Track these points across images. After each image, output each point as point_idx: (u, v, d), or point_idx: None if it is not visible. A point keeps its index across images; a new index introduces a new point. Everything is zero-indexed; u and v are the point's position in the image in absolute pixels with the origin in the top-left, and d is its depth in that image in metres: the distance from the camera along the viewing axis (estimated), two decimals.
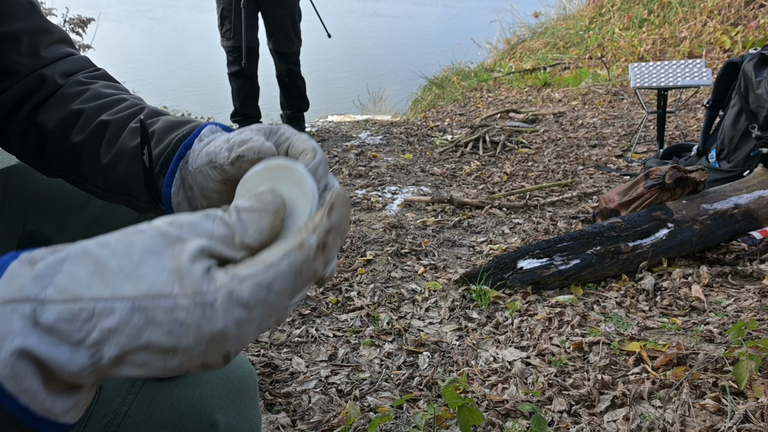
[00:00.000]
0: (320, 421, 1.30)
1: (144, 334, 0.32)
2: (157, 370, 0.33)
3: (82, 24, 4.61)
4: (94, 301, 0.32)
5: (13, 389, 0.30)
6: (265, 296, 0.34)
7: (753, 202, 2.01)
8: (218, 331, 0.33)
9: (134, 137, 0.58)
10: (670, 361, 1.42)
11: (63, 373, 0.31)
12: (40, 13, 0.67)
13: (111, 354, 0.32)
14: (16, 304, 0.31)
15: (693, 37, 6.10)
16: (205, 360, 0.33)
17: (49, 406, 0.32)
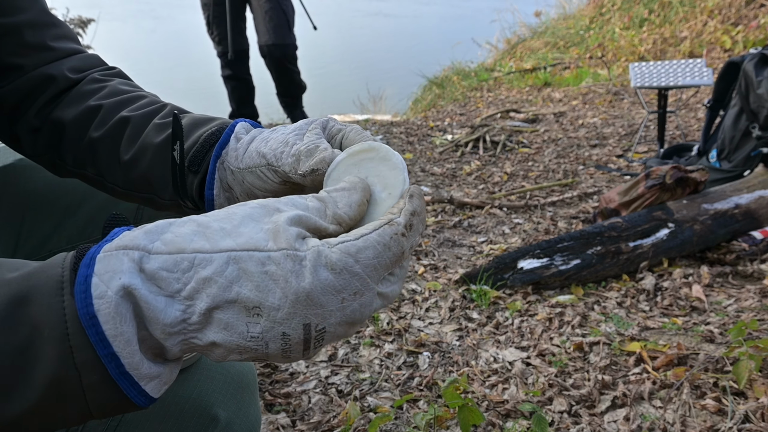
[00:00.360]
0: (320, 422, 1.30)
1: (234, 287, 0.33)
2: (239, 336, 0.34)
3: (83, 24, 4.62)
4: (194, 253, 0.34)
5: (109, 332, 0.32)
6: (353, 264, 0.34)
7: (754, 202, 2.00)
8: (304, 289, 0.33)
9: (159, 133, 0.58)
10: (670, 361, 1.42)
11: (157, 324, 0.33)
12: (45, 7, 0.66)
13: (201, 307, 0.33)
14: (127, 250, 0.33)
15: (693, 37, 6.09)
16: (286, 330, 0.34)
17: (137, 362, 0.33)
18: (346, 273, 0.34)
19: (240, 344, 0.34)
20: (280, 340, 0.34)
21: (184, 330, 0.34)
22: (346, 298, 0.34)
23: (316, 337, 0.35)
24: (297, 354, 0.35)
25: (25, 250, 0.75)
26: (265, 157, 0.49)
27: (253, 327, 0.34)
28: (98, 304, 0.32)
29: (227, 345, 0.34)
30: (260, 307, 0.33)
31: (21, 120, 0.65)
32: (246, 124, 0.55)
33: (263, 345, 0.34)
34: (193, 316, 0.34)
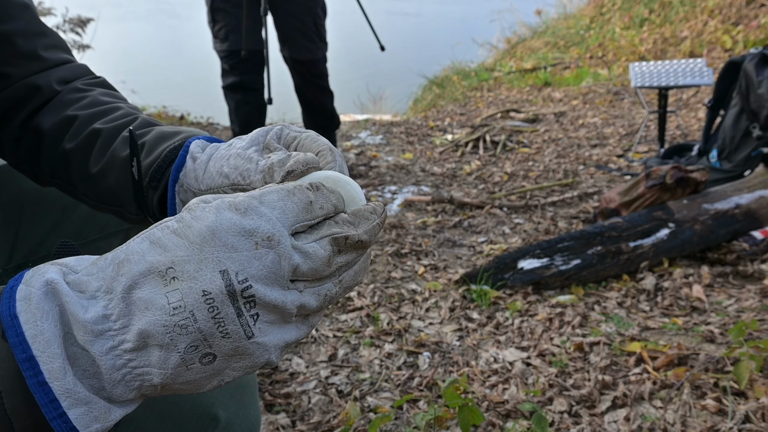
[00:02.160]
0: (320, 422, 1.30)
1: (146, 256, 0.32)
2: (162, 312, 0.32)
3: (82, 24, 4.61)
4: (113, 252, 0.34)
5: (29, 331, 0.30)
6: (258, 205, 0.34)
7: (754, 201, 2.00)
8: (207, 227, 0.32)
9: (125, 147, 0.57)
10: (671, 361, 1.42)
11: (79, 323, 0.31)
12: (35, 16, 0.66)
13: (119, 290, 0.32)
14: (54, 264, 0.34)
15: (694, 37, 6.09)
16: (203, 285, 0.32)
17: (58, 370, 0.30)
18: (252, 212, 0.33)
19: (166, 323, 0.32)
20: (204, 303, 0.32)
21: (110, 331, 0.32)
22: (260, 243, 0.33)
23: (244, 295, 0.33)
24: (234, 325, 0.33)
25: (22, 251, 0.75)
26: (228, 177, 0.47)
27: (173, 295, 0.32)
28: (21, 305, 0.31)
29: (154, 329, 0.32)
30: (173, 267, 0.32)
31: (5, 129, 0.65)
32: (200, 141, 0.54)
33: (190, 317, 0.32)
34: (115, 309, 0.32)
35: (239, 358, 0.34)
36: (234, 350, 0.34)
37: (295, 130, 0.50)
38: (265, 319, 0.34)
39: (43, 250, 0.77)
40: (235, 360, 0.34)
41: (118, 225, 0.85)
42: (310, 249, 0.35)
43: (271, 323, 0.35)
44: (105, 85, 0.70)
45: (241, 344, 0.34)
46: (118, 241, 0.86)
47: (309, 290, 0.36)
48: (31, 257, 0.76)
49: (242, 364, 0.35)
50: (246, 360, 0.34)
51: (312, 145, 0.47)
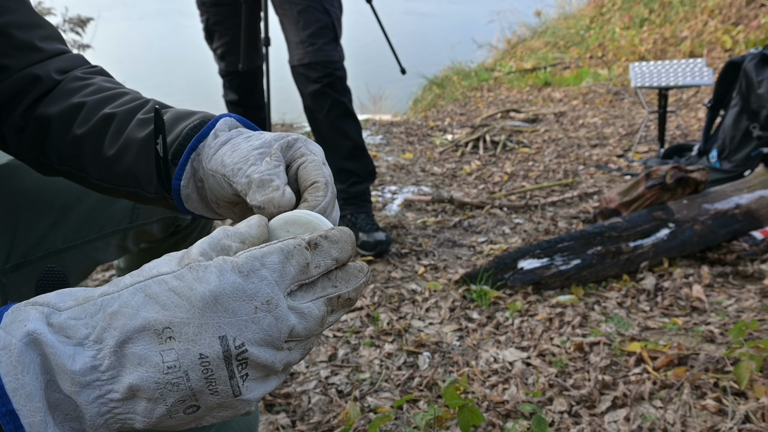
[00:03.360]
0: (320, 422, 1.30)
1: (141, 312, 0.32)
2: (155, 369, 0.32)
3: (82, 23, 4.61)
4: (102, 297, 0.33)
5: (10, 384, 0.29)
6: (260, 267, 0.34)
7: (754, 201, 2.00)
8: (211, 291, 0.32)
9: (142, 128, 0.58)
10: (671, 361, 1.41)
11: (65, 374, 0.31)
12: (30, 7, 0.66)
13: (111, 344, 0.31)
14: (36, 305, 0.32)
15: (694, 37, 6.09)
16: (201, 349, 0.32)
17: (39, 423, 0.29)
18: (254, 276, 0.33)
19: (159, 381, 0.32)
20: (199, 365, 0.32)
21: (97, 381, 0.32)
22: (259, 308, 0.33)
23: (239, 358, 0.33)
24: (224, 386, 0.33)
25: (20, 251, 0.75)
26: (225, 167, 0.48)
27: (168, 354, 0.32)
28: (1, 355, 0.30)
29: (145, 385, 0.32)
30: (170, 327, 0.32)
31: (7, 120, 0.66)
32: (230, 120, 0.54)
33: (183, 376, 0.32)
34: (104, 360, 0.31)
35: (222, 410, 0.35)
36: (219, 405, 0.34)
37: (307, 148, 0.50)
38: (252, 377, 0.35)
39: (40, 250, 0.77)
40: (218, 411, 0.35)
41: (116, 225, 0.85)
42: (306, 309, 0.36)
43: (257, 380, 0.35)
44: (104, 73, 0.70)
45: (227, 401, 0.34)
46: (116, 241, 0.86)
47: (297, 347, 0.37)
48: (29, 257, 0.76)
49: (223, 414, 0.35)
50: (228, 411, 0.35)
51: (311, 173, 0.47)
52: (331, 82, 2.02)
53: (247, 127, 0.55)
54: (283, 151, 0.49)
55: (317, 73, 2.02)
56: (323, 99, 2.05)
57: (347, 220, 2.16)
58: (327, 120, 2.07)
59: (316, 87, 2.03)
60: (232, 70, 2.34)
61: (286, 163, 0.49)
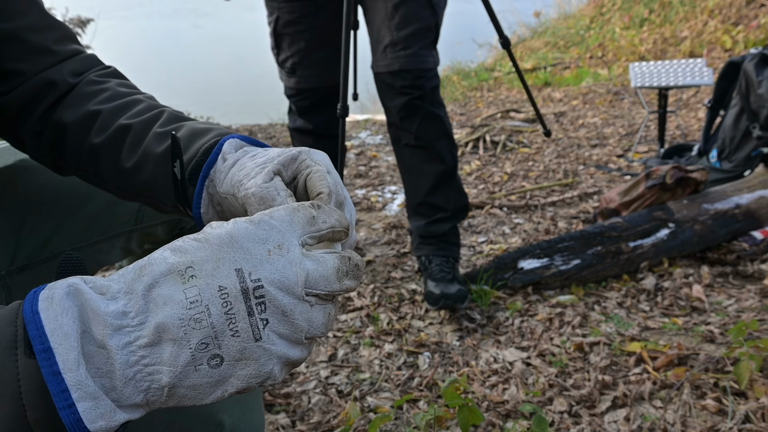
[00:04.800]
0: (320, 422, 1.30)
1: (168, 259, 0.35)
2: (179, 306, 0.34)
3: (82, 24, 4.61)
4: (135, 262, 0.36)
5: (49, 325, 0.32)
6: (269, 219, 0.38)
7: (754, 202, 2.00)
8: (227, 231, 0.36)
9: (159, 143, 0.59)
10: (671, 361, 1.42)
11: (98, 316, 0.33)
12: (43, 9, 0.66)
13: (140, 289, 0.34)
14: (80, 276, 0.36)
15: (694, 37, 6.09)
16: (220, 281, 0.35)
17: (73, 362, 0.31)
18: (264, 224, 0.37)
19: (182, 317, 0.34)
20: (219, 297, 0.34)
21: (127, 327, 0.33)
22: (272, 251, 0.36)
23: (256, 294, 0.35)
24: (243, 322, 0.35)
25: (25, 252, 0.75)
26: (233, 186, 0.51)
27: (190, 291, 0.34)
28: (43, 303, 0.33)
29: (170, 322, 0.34)
30: (192, 266, 0.35)
31: (24, 124, 0.66)
32: (235, 141, 0.56)
33: (205, 311, 0.34)
34: (134, 306, 0.34)
35: (245, 363, 0.36)
36: (241, 352, 0.35)
37: (312, 159, 0.51)
38: (274, 328, 0.36)
39: (45, 251, 0.77)
40: (241, 366, 0.36)
41: (121, 227, 0.85)
42: (320, 257, 0.38)
43: (280, 336, 0.37)
44: (117, 74, 0.70)
45: (249, 345, 0.35)
46: (120, 243, 0.86)
47: (318, 306, 0.38)
48: (34, 258, 0.76)
49: (247, 371, 0.36)
50: (251, 367, 0.36)
51: (316, 184, 0.49)
52: (421, 94, 1.61)
53: (253, 145, 0.56)
54: (287, 164, 0.50)
55: (405, 82, 1.60)
56: (413, 114, 1.63)
57: (420, 263, 1.81)
58: (417, 140, 1.66)
59: (404, 100, 1.61)
60: (306, 87, 1.77)
61: (292, 175, 0.51)
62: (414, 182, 1.75)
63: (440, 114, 1.66)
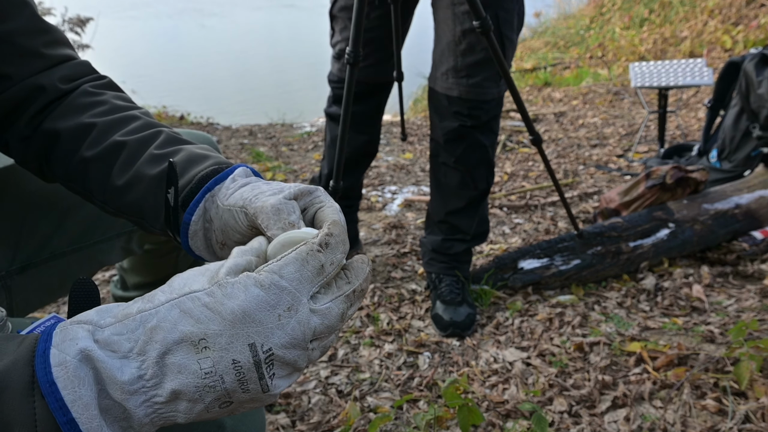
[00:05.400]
0: (320, 422, 1.30)
1: (178, 326, 0.36)
2: (194, 376, 0.36)
3: (81, 24, 4.61)
4: (140, 313, 0.37)
5: (68, 397, 0.33)
6: (279, 279, 0.38)
7: (754, 202, 2.00)
8: (239, 306, 0.37)
9: (154, 165, 0.59)
10: (671, 361, 1.42)
11: (115, 384, 0.35)
12: (35, 12, 0.65)
13: (153, 356, 0.36)
14: (80, 324, 0.37)
15: (694, 37, 6.09)
16: (234, 356, 0.36)
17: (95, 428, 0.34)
18: (274, 287, 0.37)
19: (198, 385, 0.36)
20: (233, 369, 0.36)
21: (143, 388, 0.36)
22: (282, 315, 0.37)
23: (266, 361, 0.37)
24: (255, 385, 0.38)
25: (26, 252, 0.75)
26: (244, 200, 0.51)
27: (204, 362, 0.36)
28: (57, 371, 0.34)
29: (186, 390, 0.36)
30: (205, 338, 0.36)
31: (11, 128, 0.65)
32: (247, 170, 0.57)
33: (219, 379, 0.36)
34: (148, 370, 0.36)
35: (252, 403, 0.40)
36: (250, 400, 0.39)
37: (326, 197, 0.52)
38: (279, 375, 0.39)
39: (45, 252, 0.77)
40: (248, 404, 0.40)
41: (121, 228, 0.85)
42: (326, 310, 0.40)
43: (282, 377, 0.40)
44: (113, 86, 0.69)
45: (257, 396, 0.39)
46: (121, 243, 0.86)
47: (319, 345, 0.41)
48: (34, 259, 0.76)
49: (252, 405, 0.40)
50: (256, 403, 0.40)
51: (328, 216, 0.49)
52: (475, 124, 1.56)
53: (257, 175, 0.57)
54: (302, 195, 0.51)
55: (461, 109, 1.54)
56: (459, 140, 1.59)
57: (430, 279, 1.79)
58: (456, 164, 1.62)
59: (454, 125, 1.56)
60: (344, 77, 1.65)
61: (303, 207, 0.51)
62: (441, 199, 1.72)
63: (486, 144, 1.61)
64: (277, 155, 3.77)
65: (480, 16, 1.29)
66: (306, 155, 3.78)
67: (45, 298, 0.82)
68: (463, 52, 1.48)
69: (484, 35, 1.32)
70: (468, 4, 1.30)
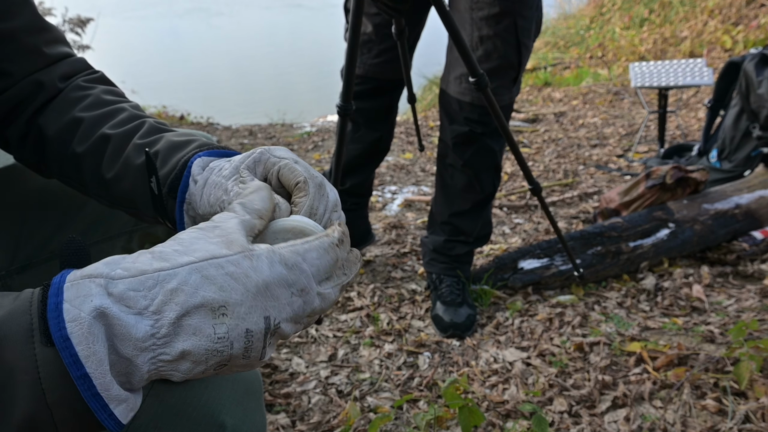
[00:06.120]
0: (320, 422, 1.30)
1: (200, 291, 0.37)
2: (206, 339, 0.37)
3: (81, 24, 4.61)
4: (157, 272, 0.37)
5: (83, 353, 0.34)
6: (301, 262, 0.40)
7: (754, 202, 2.00)
8: (264, 280, 0.38)
9: (139, 154, 0.59)
10: (670, 361, 1.42)
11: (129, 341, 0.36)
12: (35, 10, 0.65)
13: (171, 317, 0.36)
14: (91, 278, 0.36)
15: (694, 37, 6.09)
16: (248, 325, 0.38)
17: (108, 383, 0.35)
18: (296, 269, 0.40)
19: (208, 348, 0.37)
20: (244, 337, 0.38)
21: (153, 345, 0.36)
22: (294, 293, 0.40)
23: (272, 333, 0.39)
24: (256, 353, 0.39)
25: (26, 251, 0.75)
26: (212, 206, 0.52)
27: (220, 327, 0.37)
28: (71, 327, 0.34)
29: (196, 351, 0.37)
30: (225, 306, 0.37)
31: (12, 126, 0.65)
32: (201, 160, 0.56)
33: (228, 345, 0.37)
34: (162, 328, 0.36)
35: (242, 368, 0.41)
36: (243, 365, 0.40)
37: (275, 155, 0.52)
38: (272, 344, 0.41)
39: (46, 251, 0.77)
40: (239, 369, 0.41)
41: (122, 227, 0.85)
42: (327, 294, 0.43)
43: (274, 345, 0.41)
44: (104, 80, 0.70)
45: (252, 363, 0.40)
46: (121, 243, 0.86)
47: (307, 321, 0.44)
48: (34, 258, 0.76)
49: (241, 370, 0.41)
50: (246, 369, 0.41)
51: (290, 176, 0.50)
52: (485, 130, 1.56)
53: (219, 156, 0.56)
54: (252, 167, 0.51)
55: (472, 115, 1.54)
56: (468, 144, 1.59)
57: (430, 280, 1.78)
58: (464, 167, 1.62)
59: (464, 129, 1.56)
60: (360, 73, 1.69)
61: (263, 176, 0.52)
62: (445, 200, 1.71)
63: (496, 149, 1.61)
64: None
65: (476, 73, 1.27)
66: (306, 155, 3.78)
67: None
68: (480, 59, 1.46)
69: (480, 91, 1.30)
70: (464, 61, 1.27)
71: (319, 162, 3.57)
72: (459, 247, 1.74)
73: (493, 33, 1.43)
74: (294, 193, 0.49)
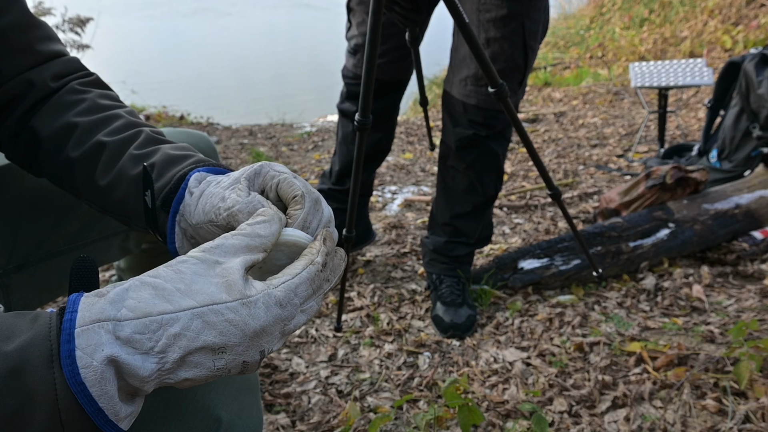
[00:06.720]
0: (320, 422, 1.30)
1: (201, 336, 0.40)
2: (207, 370, 0.41)
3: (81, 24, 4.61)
4: (161, 315, 0.40)
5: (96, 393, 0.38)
6: (293, 297, 0.43)
7: (754, 202, 2.00)
8: (261, 326, 0.41)
9: (135, 165, 0.59)
10: (671, 361, 1.42)
11: (136, 378, 0.39)
12: (26, 8, 0.64)
13: (174, 357, 0.39)
14: (101, 323, 0.39)
15: (694, 37, 6.09)
16: (246, 358, 0.41)
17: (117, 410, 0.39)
18: (289, 305, 0.43)
19: (208, 376, 0.41)
20: (240, 365, 0.42)
21: (159, 376, 0.40)
22: (287, 324, 0.43)
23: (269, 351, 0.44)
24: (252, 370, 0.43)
25: (22, 251, 0.75)
26: (207, 215, 0.53)
27: (219, 361, 0.41)
28: (84, 373, 0.38)
29: (197, 378, 0.41)
30: (224, 348, 0.41)
31: (2, 126, 0.65)
32: (199, 174, 0.57)
33: (226, 371, 0.42)
34: (166, 365, 0.40)
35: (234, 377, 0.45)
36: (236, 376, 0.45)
37: (274, 170, 0.53)
38: None
39: (42, 250, 0.77)
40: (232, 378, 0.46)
41: (118, 227, 0.85)
42: (309, 308, 0.45)
43: None
44: (100, 84, 0.69)
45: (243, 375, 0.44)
46: (118, 242, 0.86)
47: None
48: (31, 257, 0.76)
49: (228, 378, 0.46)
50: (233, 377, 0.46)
51: (288, 189, 0.52)
52: (489, 133, 1.55)
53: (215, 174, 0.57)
54: (252, 179, 0.53)
55: (476, 118, 1.52)
56: (471, 147, 1.57)
57: (430, 280, 1.78)
58: (466, 170, 1.61)
59: (468, 132, 1.55)
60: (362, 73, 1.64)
61: (261, 188, 0.53)
62: (446, 202, 1.70)
63: (499, 152, 1.59)
64: (277, 155, 3.77)
65: (496, 83, 1.18)
66: (306, 155, 3.78)
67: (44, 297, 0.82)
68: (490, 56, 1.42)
69: (500, 101, 1.21)
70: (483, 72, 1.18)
71: (319, 162, 3.57)
72: (460, 249, 1.74)
73: (500, 35, 1.40)
74: (290, 206, 0.51)
